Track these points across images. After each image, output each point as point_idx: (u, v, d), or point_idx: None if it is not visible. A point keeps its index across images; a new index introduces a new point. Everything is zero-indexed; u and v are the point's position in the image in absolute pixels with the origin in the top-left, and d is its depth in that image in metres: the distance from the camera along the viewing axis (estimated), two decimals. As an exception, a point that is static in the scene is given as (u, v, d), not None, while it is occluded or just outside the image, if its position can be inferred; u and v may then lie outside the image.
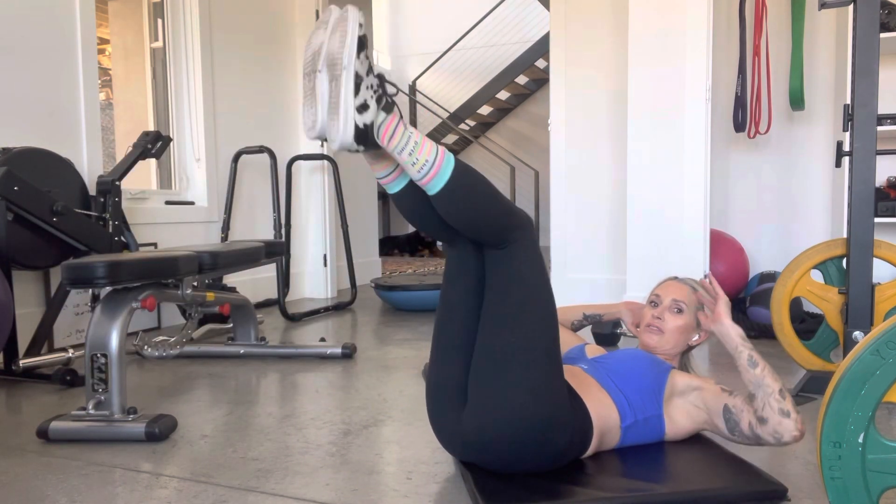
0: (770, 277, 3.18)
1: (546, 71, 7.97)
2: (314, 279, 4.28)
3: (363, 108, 1.21)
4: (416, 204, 1.35)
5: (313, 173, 4.20)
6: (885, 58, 3.20)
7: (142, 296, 1.79)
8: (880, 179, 3.23)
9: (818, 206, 3.47)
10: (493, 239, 1.30)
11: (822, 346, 2.13)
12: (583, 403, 1.35)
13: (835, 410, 0.92)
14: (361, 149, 1.24)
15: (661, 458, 1.38)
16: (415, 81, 9.12)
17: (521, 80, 8.60)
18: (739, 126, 3.39)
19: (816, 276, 2.25)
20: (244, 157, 3.86)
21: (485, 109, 8.92)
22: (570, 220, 3.64)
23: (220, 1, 3.70)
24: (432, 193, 1.26)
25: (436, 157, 1.23)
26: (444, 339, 1.38)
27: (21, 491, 1.37)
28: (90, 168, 2.89)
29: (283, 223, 3.87)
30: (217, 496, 1.33)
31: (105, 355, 1.69)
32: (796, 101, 3.24)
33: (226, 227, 3.68)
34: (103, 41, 4.98)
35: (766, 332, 2.74)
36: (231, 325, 2.77)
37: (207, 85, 3.62)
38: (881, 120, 2.93)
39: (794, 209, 3.51)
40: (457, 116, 8.73)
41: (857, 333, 1.88)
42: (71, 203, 2.55)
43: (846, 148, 2.83)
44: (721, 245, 3.29)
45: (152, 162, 3.82)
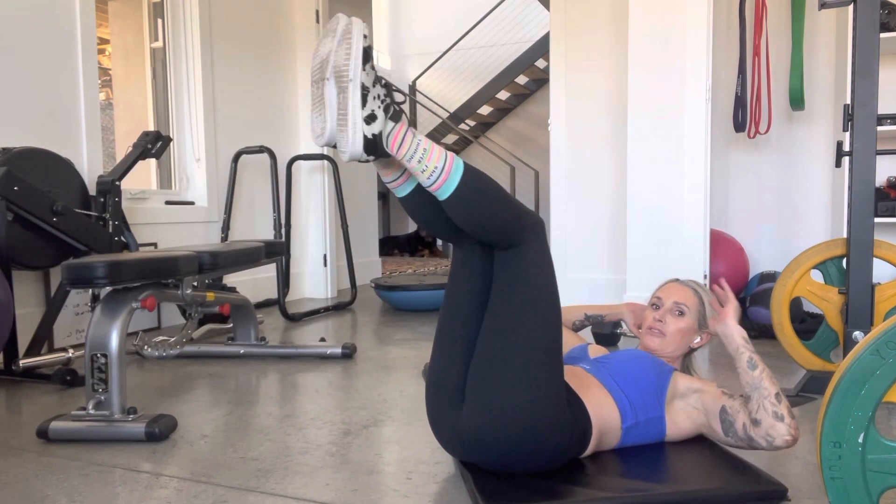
0: (770, 277, 3.18)
1: (546, 71, 7.97)
2: (314, 279, 4.28)
3: (371, 119, 1.22)
4: (424, 207, 1.37)
5: (313, 173, 4.20)
6: (885, 58, 3.20)
7: (142, 296, 1.79)
8: (880, 179, 3.23)
9: (818, 206, 3.47)
10: (503, 241, 1.31)
11: (822, 346, 2.14)
12: (582, 403, 1.35)
13: (835, 410, 0.92)
14: (372, 159, 1.26)
15: (661, 458, 1.38)
16: (415, 81, 9.12)
17: (521, 80, 8.59)
18: (739, 126, 3.39)
19: (816, 276, 2.25)
20: (244, 157, 3.86)
21: (485, 109, 8.91)
22: (570, 220, 3.64)
23: (220, 1, 3.70)
24: (442, 199, 1.27)
25: (445, 163, 1.25)
26: (445, 339, 1.38)
27: (21, 491, 1.37)
28: (90, 168, 2.89)
29: (283, 223, 3.87)
30: (217, 496, 1.33)
31: (105, 355, 1.69)
32: (796, 101, 3.23)
33: (226, 227, 3.68)
34: (103, 41, 4.98)
35: (766, 332, 2.74)
36: (231, 325, 2.77)
37: (207, 85, 3.62)
38: (881, 120, 2.93)
39: (794, 209, 3.51)
40: (457, 116, 8.73)
41: (857, 333, 1.88)
42: (71, 203, 2.55)
43: (846, 148, 2.83)
44: (721, 245, 3.29)
45: (152, 162, 3.82)
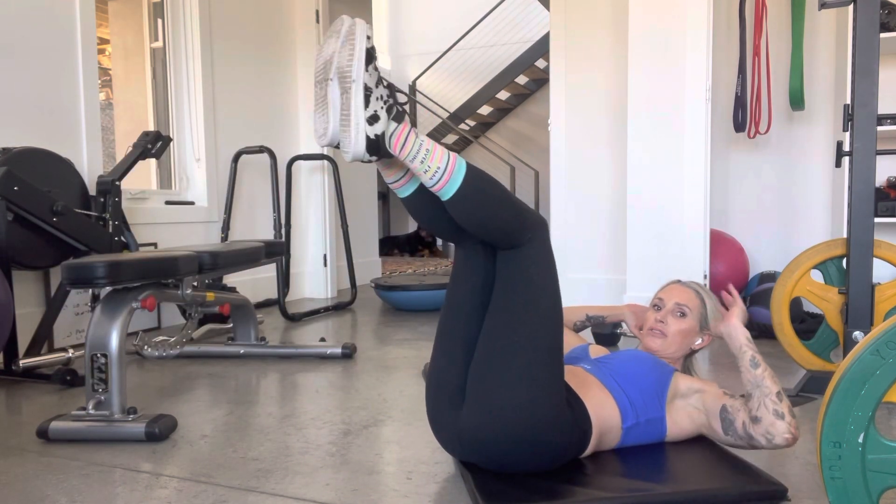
0: (770, 277, 3.18)
1: (546, 71, 7.97)
2: (314, 279, 4.28)
3: (374, 120, 1.23)
4: (427, 207, 1.37)
5: (313, 173, 4.20)
6: (885, 58, 3.20)
7: (142, 296, 1.79)
8: (880, 179, 3.23)
9: (818, 206, 3.47)
10: (506, 241, 1.31)
11: (822, 346, 2.14)
12: (582, 403, 1.35)
13: (835, 410, 0.92)
14: (374, 159, 1.26)
15: (661, 458, 1.38)
16: (415, 81, 9.12)
17: (521, 80, 8.59)
18: (739, 126, 3.39)
19: (816, 276, 2.25)
20: (244, 157, 3.86)
21: (485, 109, 8.91)
22: (570, 220, 3.64)
23: (220, 1, 3.70)
24: (445, 199, 1.27)
25: (447, 164, 1.25)
26: (446, 339, 1.38)
27: (21, 491, 1.37)
28: (90, 168, 2.89)
29: (283, 223, 3.87)
30: (217, 496, 1.33)
31: (105, 355, 1.69)
32: (796, 101, 3.23)
33: (226, 227, 3.68)
34: (103, 41, 4.98)
35: (766, 332, 2.74)
36: (231, 325, 2.77)
37: (207, 85, 3.62)
38: (881, 120, 2.93)
39: (794, 209, 3.51)
40: (457, 116, 8.73)
41: (857, 333, 1.88)
42: (71, 203, 2.55)
43: (846, 148, 2.83)
44: (721, 245, 3.29)
45: (152, 162, 3.82)
